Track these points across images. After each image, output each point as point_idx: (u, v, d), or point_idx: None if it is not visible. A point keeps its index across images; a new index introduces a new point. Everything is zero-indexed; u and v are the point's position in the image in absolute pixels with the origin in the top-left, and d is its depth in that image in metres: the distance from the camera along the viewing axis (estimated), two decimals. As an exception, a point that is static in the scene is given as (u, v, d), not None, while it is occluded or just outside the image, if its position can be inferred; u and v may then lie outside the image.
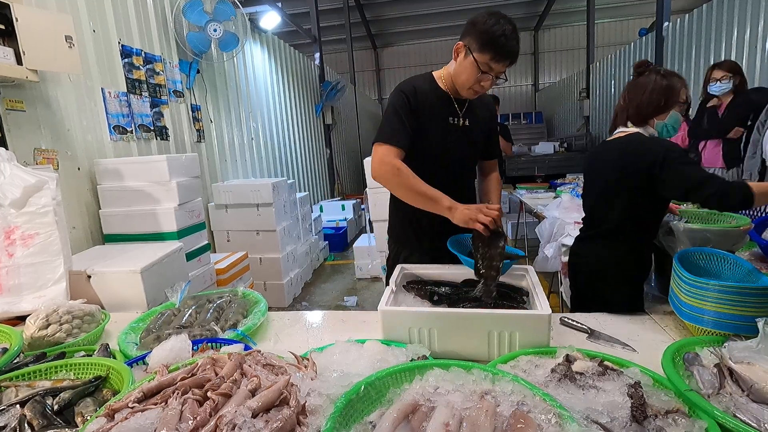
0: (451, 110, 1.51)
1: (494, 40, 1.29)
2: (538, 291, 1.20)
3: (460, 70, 1.40)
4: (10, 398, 0.95)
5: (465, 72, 1.38)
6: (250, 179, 4.68)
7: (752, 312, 1.01)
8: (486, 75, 1.36)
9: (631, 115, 1.50)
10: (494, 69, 1.35)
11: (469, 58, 1.35)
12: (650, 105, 1.46)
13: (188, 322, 1.37)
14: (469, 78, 1.38)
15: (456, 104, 1.52)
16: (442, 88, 1.50)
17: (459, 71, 1.41)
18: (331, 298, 4.31)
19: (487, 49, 1.31)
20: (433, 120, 1.49)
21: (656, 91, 1.45)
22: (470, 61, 1.35)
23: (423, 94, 1.46)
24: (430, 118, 1.48)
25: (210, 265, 3.03)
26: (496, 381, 0.86)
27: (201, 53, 3.74)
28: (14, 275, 1.62)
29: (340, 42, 10.99)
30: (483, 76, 1.36)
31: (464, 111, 1.53)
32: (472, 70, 1.36)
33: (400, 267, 1.45)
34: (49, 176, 1.72)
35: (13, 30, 1.97)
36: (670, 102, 1.45)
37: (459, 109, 1.52)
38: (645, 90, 1.47)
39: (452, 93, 1.50)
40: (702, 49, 5.27)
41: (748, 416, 0.76)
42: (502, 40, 1.29)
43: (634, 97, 1.49)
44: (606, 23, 11.88)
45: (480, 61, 1.33)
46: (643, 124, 1.49)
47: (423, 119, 1.47)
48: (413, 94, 1.45)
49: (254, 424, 0.72)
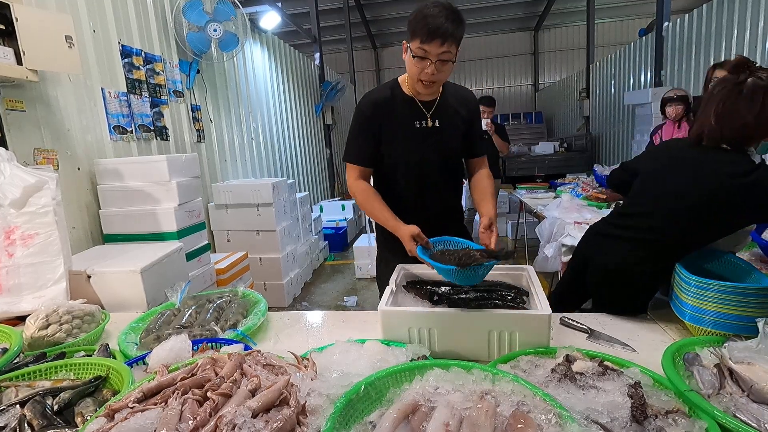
0: (417, 113, 1.50)
1: (419, 22, 1.28)
2: (538, 291, 1.20)
3: (407, 67, 1.41)
4: (10, 398, 0.95)
5: (408, 65, 1.38)
6: (250, 179, 4.69)
7: (752, 312, 1.01)
8: (425, 61, 1.32)
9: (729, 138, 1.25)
10: (429, 52, 1.30)
11: (409, 52, 1.35)
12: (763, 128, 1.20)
13: (188, 322, 1.37)
14: (412, 70, 1.37)
15: (422, 106, 1.50)
16: (407, 93, 1.50)
17: (407, 69, 1.42)
18: (331, 298, 4.31)
19: (415, 35, 1.30)
20: (397, 127, 1.49)
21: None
22: (409, 55, 1.35)
23: (382, 105, 1.48)
24: (394, 125, 1.49)
25: (210, 265, 3.03)
26: (496, 381, 0.86)
27: (201, 53, 3.74)
28: (14, 275, 1.62)
29: (340, 42, 11.00)
30: (422, 63, 1.33)
31: (432, 112, 1.51)
32: (411, 60, 1.35)
33: (400, 267, 1.45)
34: (49, 176, 1.72)
35: (13, 30, 1.97)
36: None
37: (426, 110, 1.50)
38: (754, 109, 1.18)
39: (417, 95, 1.49)
40: (702, 49, 5.27)
41: (748, 416, 0.76)
42: (429, 20, 1.27)
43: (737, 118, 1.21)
44: (606, 23, 11.88)
45: (413, 48, 1.32)
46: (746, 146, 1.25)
47: (386, 129, 1.49)
48: (371, 107, 1.48)
49: (254, 424, 0.72)
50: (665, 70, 6.17)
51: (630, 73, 7.35)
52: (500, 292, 1.27)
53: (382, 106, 1.48)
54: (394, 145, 1.51)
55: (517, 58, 13.26)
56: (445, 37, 1.27)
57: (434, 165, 1.57)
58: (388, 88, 1.52)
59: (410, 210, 1.58)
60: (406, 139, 1.51)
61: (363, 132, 1.51)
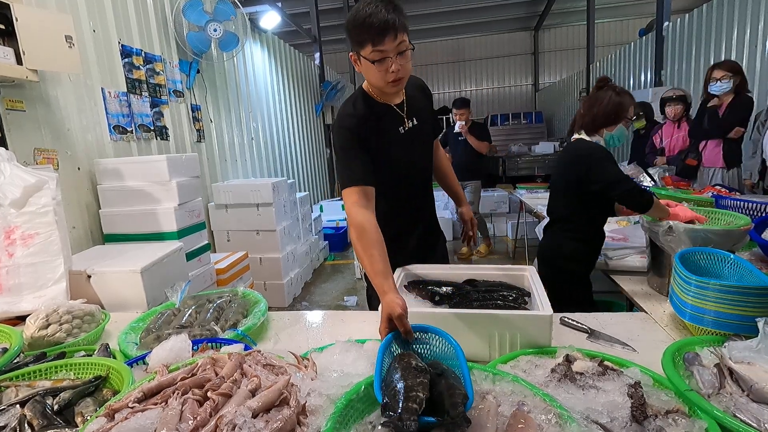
0: (396, 118, 1.44)
1: (362, 27, 1.19)
2: (539, 291, 1.20)
3: (367, 76, 1.33)
4: (10, 398, 0.95)
5: (369, 75, 1.30)
6: (250, 179, 4.68)
7: (752, 312, 1.01)
8: (386, 61, 1.23)
9: (585, 124, 1.75)
10: (386, 50, 1.21)
11: (362, 61, 1.27)
12: (603, 117, 1.70)
13: (188, 322, 1.37)
14: (376, 75, 1.27)
15: (398, 110, 1.44)
16: (379, 101, 1.41)
17: (368, 79, 1.34)
18: (331, 298, 4.31)
19: (364, 41, 1.21)
20: (383, 138, 1.40)
21: (610, 105, 1.69)
22: (364, 63, 1.26)
23: (362, 118, 1.37)
24: (380, 137, 1.40)
25: (210, 265, 3.03)
26: (497, 381, 0.86)
27: (201, 53, 3.74)
28: (14, 275, 1.62)
29: (340, 42, 10.99)
30: (385, 64, 1.23)
31: (407, 111, 1.45)
32: (371, 67, 1.25)
33: (402, 268, 1.45)
34: (49, 176, 1.72)
35: (13, 30, 1.97)
36: (620, 117, 1.70)
37: (401, 111, 1.45)
38: (601, 103, 1.70)
39: (390, 101, 1.42)
40: (702, 49, 5.27)
41: (748, 416, 0.76)
42: (371, 20, 1.17)
43: (591, 109, 1.73)
44: (606, 23, 11.88)
45: (367, 55, 1.23)
46: (595, 133, 1.74)
47: (373, 142, 1.38)
48: (352, 121, 1.37)
49: (254, 424, 0.72)
50: (665, 70, 6.17)
51: (630, 73, 7.35)
52: (501, 292, 1.27)
53: (363, 120, 1.38)
54: (384, 157, 1.41)
55: (517, 58, 13.25)
56: (395, 28, 1.18)
57: (423, 164, 1.55)
58: (359, 100, 1.41)
59: (407, 218, 1.55)
60: (396, 147, 1.44)
61: (352, 149, 1.36)
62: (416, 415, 0.68)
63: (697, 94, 3.83)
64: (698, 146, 3.58)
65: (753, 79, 4.28)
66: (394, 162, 1.44)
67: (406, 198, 1.54)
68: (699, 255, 1.32)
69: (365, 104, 1.40)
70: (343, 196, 1.35)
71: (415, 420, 0.67)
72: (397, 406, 0.69)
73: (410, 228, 1.58)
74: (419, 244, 1.58)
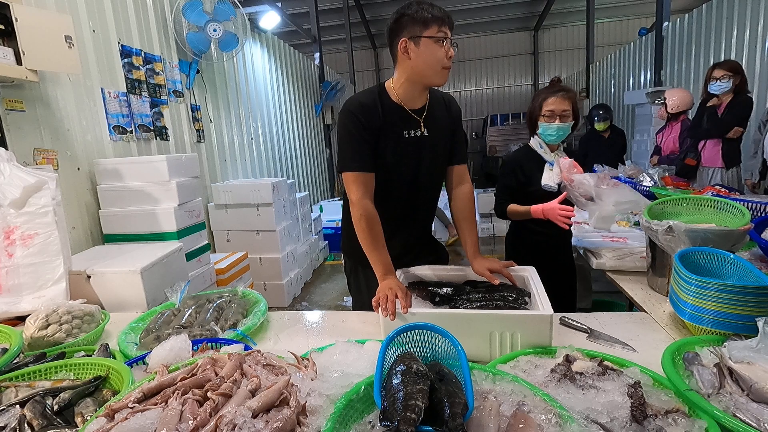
0: (407, 122, 1.41)
1: (425, 12, 1.28)
2: (539, 291, 1.20)
3: (421, 60, 1.32)
4: (10, 398, 0.95)
5: (428, 56, 1.31)
6: (250, 179, 4.68)
7: (752, 312, 1.01)
8: (446, 43, 1.31)
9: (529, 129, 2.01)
10: (447, 33, 1.31)
11: (422, 43, 1.30)
12: (528, 122, 1.98)
13: (188, 322, 1.37)
14: (435, 58, 1.30)
15: (413, 114, 1.42)
16: (394, 100, 1.40)
17: (420, 63, 1.32)
18: (331, 298, 4.31)
19: (430, 23, 1.28)
20: (387, 136, 1.39)
21: (528, 111, 1.97)
22: (425, 43, 1.29)
23: (372, 109, 1.37)
24: (384, 134, 1.39)
25: (210, 265, 3.03)
26: (497, 381, 0.86)
27: (201, 53, 3.73)
28: (14, 275, 1.62)
29: (340, 42, 11.00)
30: (445, 46, 1.30)
31: (423, 119, 1.43)
32: (433, 47, 1.30)
33: (402, 269, 1.45)
34: (49, 176, 1.72)
35: (12, 30, 1.97)
36: (534, 117, 1.91)
37: (417, 117, 1.43)
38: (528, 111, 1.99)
39: (407, 103, 1.41)
40: (702, 49, 5.27)
41: (748, 416, 0.76)
42: (435, 10, 1.29)
43: None
44: (606, 23, 11.88)
45: (432, 34, 1.29)
46: (533, 135, 1.97)
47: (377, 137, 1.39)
48: (360, 109, 1.37)
49: (254, 424, 0.72)
50: (665, 70, 6.17)
51: (630, 73, 7.35)
52: (502, 292, 1.27)
53: (372, 111, 1.37)
54: (384, 156, 1.41)
55: (517, 58, 13.24)
56: (451, 21, 1.32)
57: (426, 176, 1.49)
58: (375, 93, 1.41)
59: (400, 225, 1.51)
60: (398, 150, 1.41)
61: (357, 134, 1.37)
62: (414, 426, 0.67)
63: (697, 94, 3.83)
64: (697, 146, 3.58)
65: (753, 79, 4.28)
66: (391, 162, 1.42)
67: (398, 202, 1.49)
68: (699, 255, 1.32)
69: (381, 98, 1.41)
70: (346, 180, 1.39)
71: (413, 431, 0.67)
72: (395, 415, 0.69)
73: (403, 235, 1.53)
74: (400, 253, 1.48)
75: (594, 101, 8.90)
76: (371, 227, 1.34)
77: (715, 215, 1.65)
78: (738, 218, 1.54)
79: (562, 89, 1.89)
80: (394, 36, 1.34)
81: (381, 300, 1.18)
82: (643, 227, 1.64)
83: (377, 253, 1.34)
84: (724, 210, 1.62)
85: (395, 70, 1.40)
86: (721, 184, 2.80)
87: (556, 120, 1.84)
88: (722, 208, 1.63)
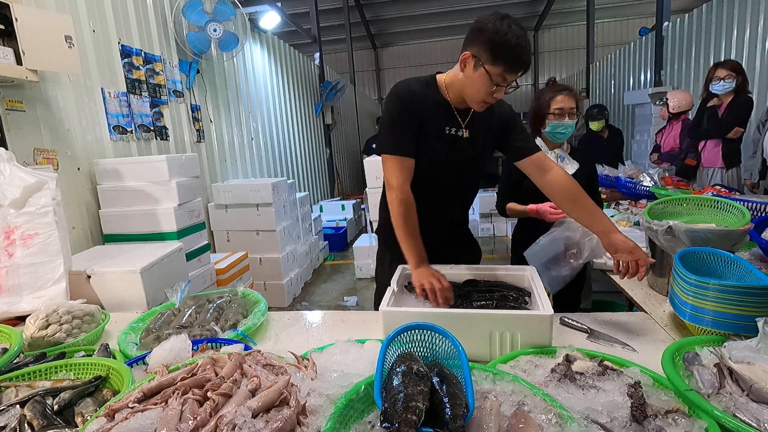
0: (450, 120, 1.39)
1: (508, 51, 1.18)
2: (539, 291, 1.20)
3: (469, 83, 1.27)
4: (10, 398, 0.95)
5: (475, 85, 1.25)
6: (250, 179, 4.68)
7: (752, 311, 1.01)
8: (500, 87, 1.24)
9: (532, 132, 1.98)
10: (508, 80, 1.23)
11: (479, 71, 1.22)
12: (532, 121, 1.98)
13: (188, 322, 1.37)
14: (480, 91, 1.25)
15: (457, 114, 1.40)
16: (443, 96, 1.38)
17: (468, 84, 1.28)
18: (331, 298, 4.31)
19: (500, 61, 1.19)
20: (428, 128, 1.37)
21: (531, 111, 1.97)
22: (481, 74, 1.22)
23: (420, 97, 1.35)
24: (426, 125, 1.37)
25: (210, 265, 3.03)
26: (497, 381, 0.86)
27: (201, 53, 3.73)
28: (14, 275, 1.62)
29: (340, 42, 10.99)
30: (495, 88, 1.24)
31: (467, 122, 1.41)
32: (484, 82, 1.23)
33: (402, 267, 1.45)
34: (49, 176, 1.72)
35: (12, 30, 1.97)
36: (542, 115, 1.91)
37: (461, 119, 1.40)
38: (530, 112, 1.99)
39: (454, 101, 1.38)
40: (702, 49, 5.27)
41: (748, 416, 0.76)
42: (517, 51, 1.18)
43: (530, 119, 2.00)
44: (606, 23, 11.88)
45: (493, 73, 1.21)
46: (537, 135, 1.98)
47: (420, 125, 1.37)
48: (409, 95, 1.35)
49: (254, 424, 0.72)
50: (665, 70, 6.17)
51: (630, 72, 7.36)
52: (502, 292, 1.27)
53: (420, 99, 1.34)
54: (423, 148, 1.38)
55: (517, 58, 13.25)
56: (527, 69, 1.24)
57: (454, 178, 1.47)
58: (425, 83, 1.39)
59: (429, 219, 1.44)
60: (434, 144, 1.38)
61: (402, 119, 1.34)
62: (415, 428, 0.67)
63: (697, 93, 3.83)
64: (697, 146, 3.58)
65: (753, 79, 4.28)
66: (425, 155, 1.39)
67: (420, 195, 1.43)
68: (699, 255, 1.32)
69: (431, 90, 1.38)
70: (385, 163, 1.38)
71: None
72: (396, 416, 0.69)
73: None
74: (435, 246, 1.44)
75: (594, 101, 8.91)
76: (408, 214, 1.33)
77: (715, 215, 1.65)
78: (738, 218, 1.54)
79: (567, 87, 1.92)
80: (468, 40, 1.26)
81: (428, 291, 1.20)
82: (643, 227, 1.64)
83: (412, 240, 1.32)
84: (724, 210, 1.62)
85: (455, 66, 1.34)
86: (721, 184, 2.80)
87: (565, 117, 1.87)
88: (722, 208, 1.63)
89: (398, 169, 1.35)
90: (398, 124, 1.35)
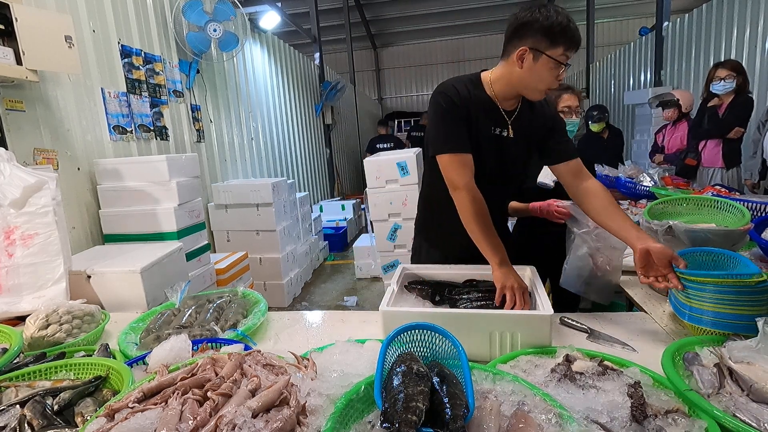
0: (497, 119, 1.38)
1: (563, 30, 1.20)
2: (539, 291, 1.20)
3: (531, 74, 1.27)
4: (10, 398, 0.95)
5: (539, 74, 1.26)
6: (250, 179, 4.68)
7: (752, 311, 1.01)
8: (562, 67, 1.25)
9: None
10: (570, 58, 1.25)
11: (541, 59, 1.23)
12: None
13: (188, 322, 1.37)
14: (544, 79, 1.26)
15: (504, 114, 1.39)
16: (489, 95, 1.37)
17: (529, 76, 1.27)
18: (331, 298, 4.31)
19: (560, 41, 1.21)
20: (474, 127, 1.35)
21: None
22: (544, 62, 1.23)
23: (466, 98, 1.34)
24: (472, 124, 1.35)
25: (210, 265, 3.03)
26: (497, 381, 0.86)
27: (201, 53, 3.73)
28: (14, 275, 1.62)
29: (340, 42, 10.99)
30: (560, 68, 1.25)
31: (512, 120, 1.40)
32: (549, 68, 1.24)
33: (402, 267, 1.45)
34: (49, 176, 1.72)
35: (12, 30, 1.97)
36: None
37: (507, 118, 1.39)
38: None
39: (500, 100, 1.37)
40: (702, 49, 5.27)
41: (748, 416, 0.76)
42: (571, 27, 1.21)
43: None
44: (606, 23, 11.88)
45: (556, 56, 1.22)
46: None
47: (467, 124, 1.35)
48: (457, 95, 1.33)
49: (254, 424, 0.72)
50: (665, 70, 6.17)
51: (630, 72, 7.36)
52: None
53: (466, 98, 1.33)
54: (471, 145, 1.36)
55: (517, 58, 13.26)
56: (580, 43, 1.26)
57: (499, 177, 1.45)
58: (470, 82, 1.38)
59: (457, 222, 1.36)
60: (480, 144, 1.36)
61: (453, 116, 1.32)
62: (415, 428, 0.67)
63: (698, 93, 3.83)
64: (698, 146, 3.58)
65: (753, 79, 4.28)
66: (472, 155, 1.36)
67: None
68: (699, 255, 1.32)
69: (475, 88, 1.37)
70: (443, 163, 1.33)
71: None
72: (396, 417, 0.69)
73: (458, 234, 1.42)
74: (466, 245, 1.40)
75: (594, 101, 8.91)
76: (482, 211, 1.29)
77: (715, 215, 1.65)
78: (738, 218, 1.54)
79: (569, 86, 1.93)
80: (516, 37, 1.26)
81: (508, 299, 1.18)
82: (643, 227, 1.64)
83: (491, 239, 1.28)
84: (724, 210, 1.62)
85: (500, 64, 1.35)
86: (721, 184, 2.80)
87: (572, 116, 1.88)
88: (722, 208, 1.63)
89: (460, 166, 1.31)
90: (451, 121, 1.33)
